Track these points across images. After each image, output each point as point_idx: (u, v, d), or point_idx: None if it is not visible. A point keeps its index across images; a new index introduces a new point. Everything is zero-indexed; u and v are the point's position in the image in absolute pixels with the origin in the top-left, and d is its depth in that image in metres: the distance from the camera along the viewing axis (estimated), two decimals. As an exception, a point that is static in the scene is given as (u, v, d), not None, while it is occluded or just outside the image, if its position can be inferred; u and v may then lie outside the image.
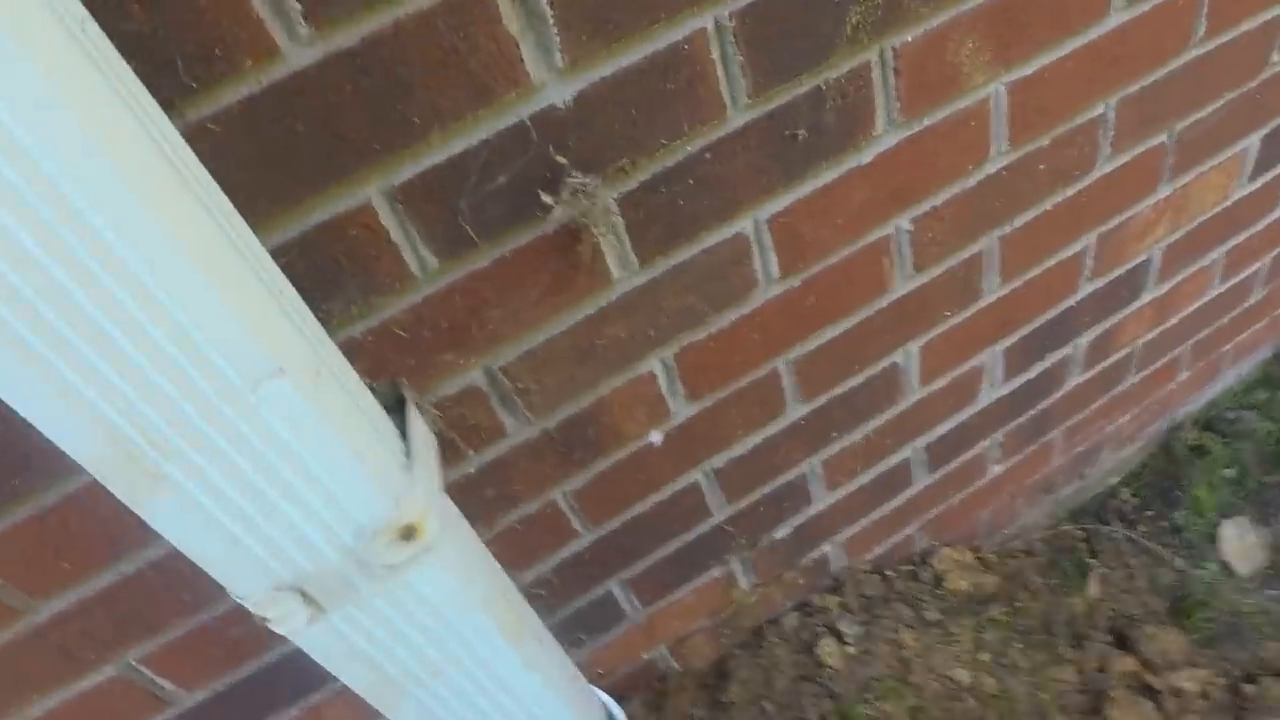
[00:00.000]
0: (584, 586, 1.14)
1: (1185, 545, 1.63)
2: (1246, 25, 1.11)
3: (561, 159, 0.71)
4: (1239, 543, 1.60)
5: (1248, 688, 1.45)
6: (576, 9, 0.66)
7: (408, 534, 0.69)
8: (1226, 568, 1.59)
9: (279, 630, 0.70)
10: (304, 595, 0.69)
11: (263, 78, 0.60)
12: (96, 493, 0.74)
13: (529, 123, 0.69)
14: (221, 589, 0.80)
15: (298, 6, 0.58)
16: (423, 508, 0.70)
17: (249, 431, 0.57)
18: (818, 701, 1.37)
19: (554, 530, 1.04)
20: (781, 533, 1.27)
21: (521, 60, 0.66)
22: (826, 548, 1.37)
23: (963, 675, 1.38)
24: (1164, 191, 1.22)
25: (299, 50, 0.60)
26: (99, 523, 0.76)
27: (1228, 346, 1.66)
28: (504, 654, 0.86)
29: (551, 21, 0.66)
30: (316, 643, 0.74)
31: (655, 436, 1.02)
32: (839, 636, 1.39)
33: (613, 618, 1.22)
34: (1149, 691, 1.44)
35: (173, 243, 0.48)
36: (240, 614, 0.91)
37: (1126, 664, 1.45)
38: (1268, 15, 1.11)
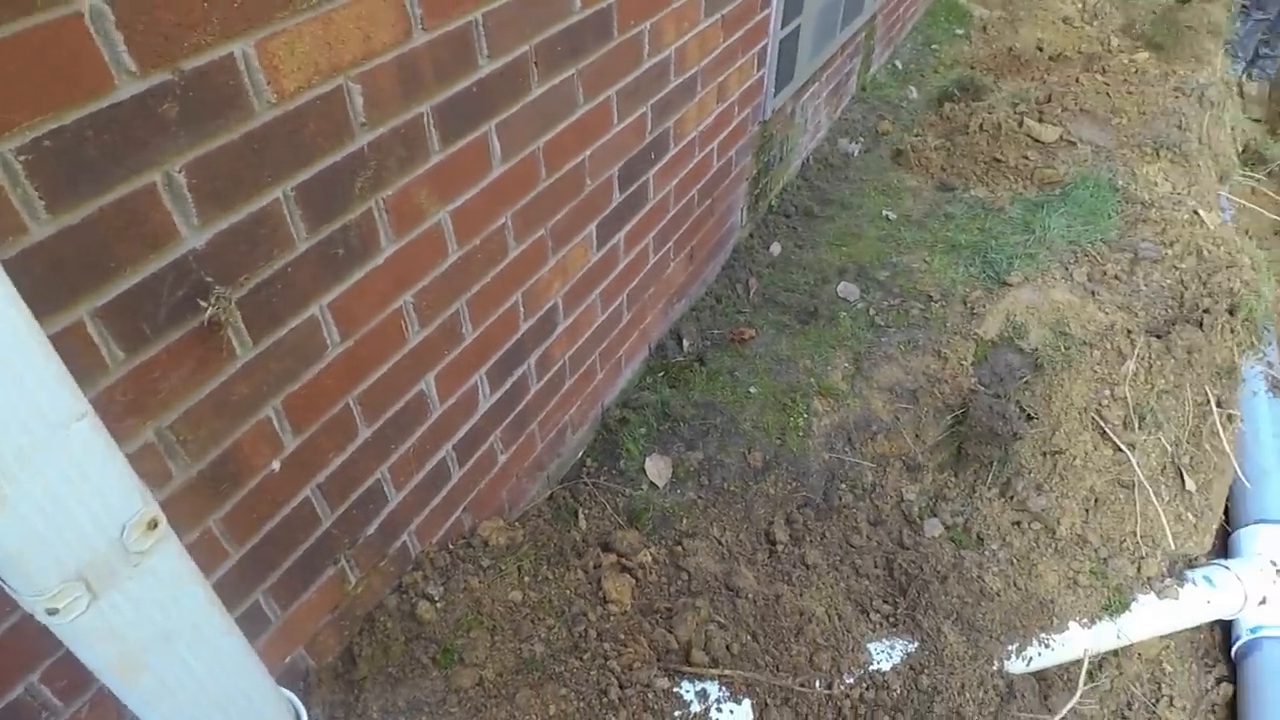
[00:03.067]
0: (237, 600, 1.50)
1: (628, 480, 2.51)
2: (569, 164, 1.98)
3: (209, 278, 1.18)
4: (655, 468, 2.54)
5: (677, 548, 2.35)
6: (205, 189, 1.15)
7: (152, 524, 1.08)
8: (653, 485, 2.51)
9: (62, 620, 1.03)
10: (85, 583, 1.03)
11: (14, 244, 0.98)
12: None
13: (188, 258, 1.15)
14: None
15: (40, 201, 0.98)
16: (158, 507, 1.09)
17: (63, 456, 0.94)
18: (426, 650, 1.88)
19: (210, 553, 1.41)
20: (372, 530, 1.77)
21: (175, 224, 1.13)
22: (405, 537, 1.90)
23: (516, 595, 2.02)
24: (552, 262, 2.05)
25: (39, 226, 0.99)
26: None
27: (621, 353, 2.63)
28: (211, 618, 1.24)
29: (190, 200, 1.14)
30: (87, 628, 1.06)
31: (275, 465, 1.47)
32: (429, 599, 1.92)
33: (260, 626, 1.58)
34: (627, 570, 2.25)
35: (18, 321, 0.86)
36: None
37: (610, 558, 2.24)
38: (579, 158, 2.01)
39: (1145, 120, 3.84)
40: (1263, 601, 2.89)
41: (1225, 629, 3.06)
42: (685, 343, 2.91)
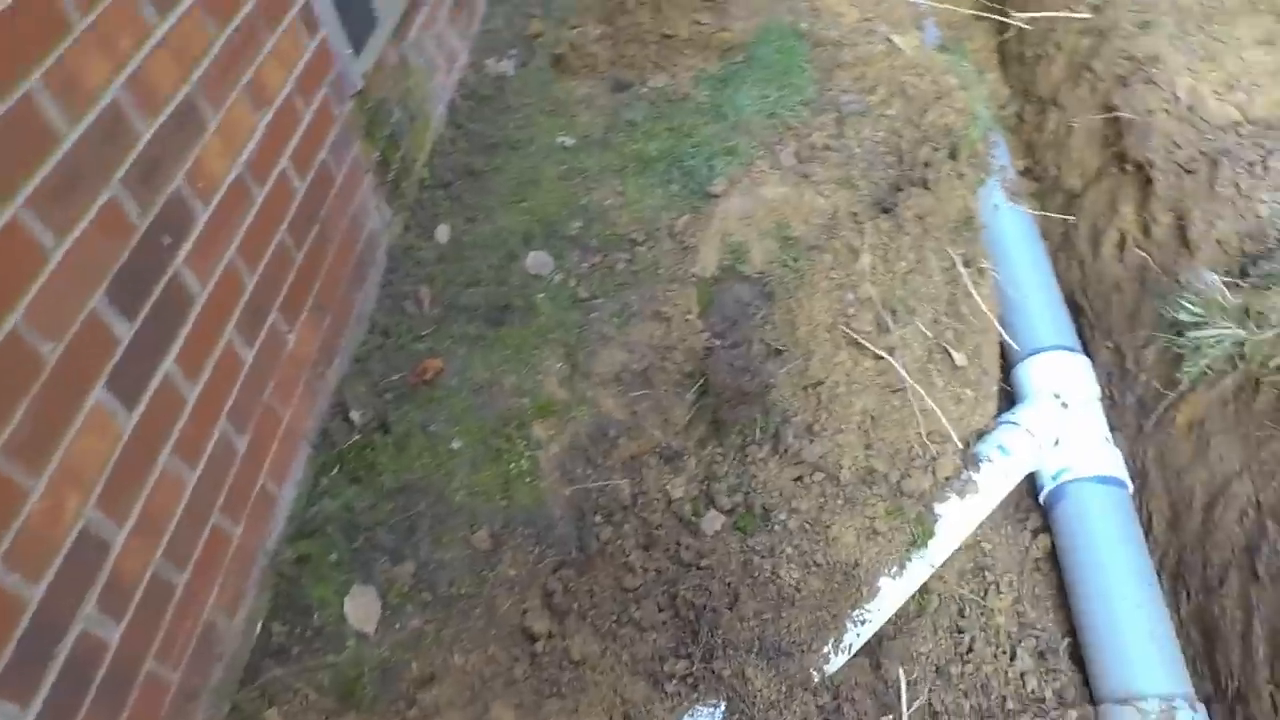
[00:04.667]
0: None
1: (328, 640, 1.94)
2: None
3: None
4: (358, 611, 1.97)
5: (411, 712, 1.84)
6: None
7: None
8: (361, 635, 1.95)
9: None
10: None
11: None
12: None
13: None
14: None
15: None
16: None
17: None
18: None
19: None
20: None
21: None
22: None
23: None
24: (39, 485, 1.35)
25: None
26: None
27: (259, 484, 1.97)
28: None
29: None
30: None
31: None
32: None
33: None
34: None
35: None
36: None
37: (320, 781, 1.70)
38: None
39: (811, -61, 3.34)
40: (1056, 442, 2.74)
41: (1033, 476, 2.93)
42: (355, 414, 2.27)
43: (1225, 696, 2.33)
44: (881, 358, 2.41)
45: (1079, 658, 2.53)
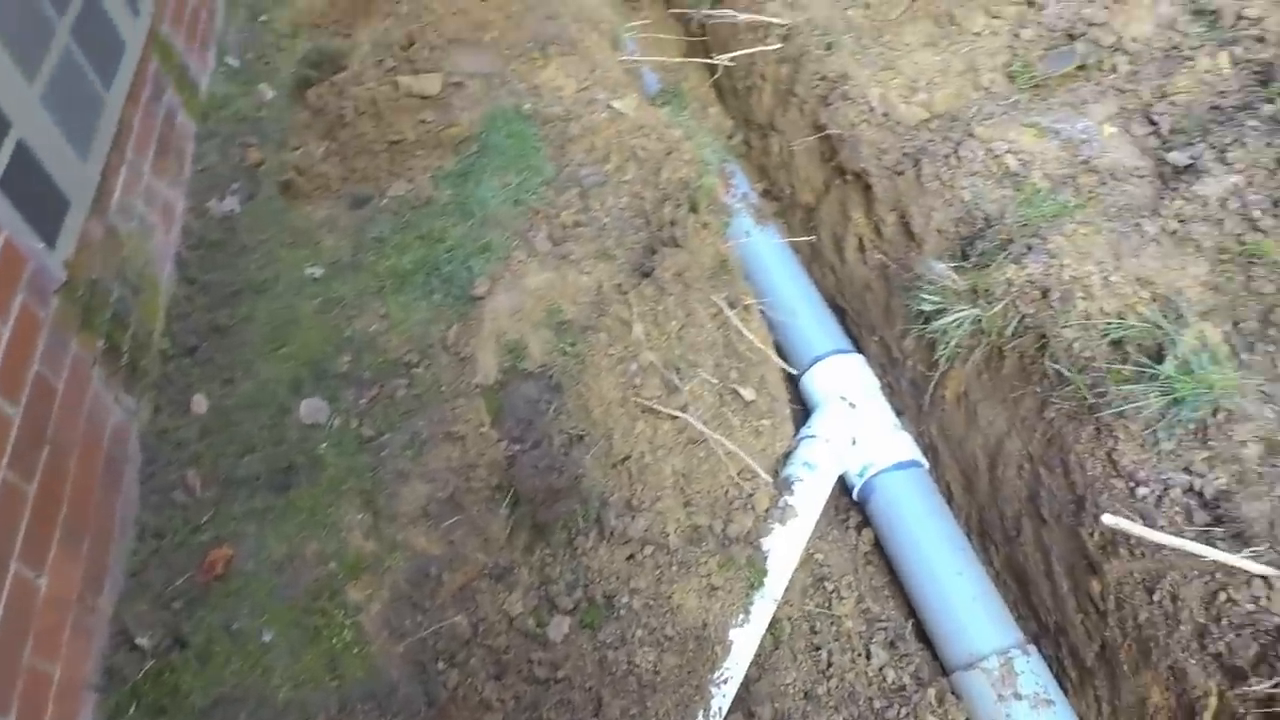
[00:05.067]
0: None
1: None
2: None
3: None
4: None
5: None
6: None
7: None
8: None
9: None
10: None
11: None
12: None
13: None
14: None
15: None
16: None
17: None
18: None
19: None
20: None
21: None
22: None
23: None
24: None
25: None
26: None
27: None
28: None
29: None
30: None
31: None
32: None
33: None
34: None
35: None
36: None
37: None
38: None
39: (515, 24, 3.37)
40: (854, 442, 2.92)
41: (844, 478, 3.11)
42: (143, 638, 2.04)
43: (1049, 631, 2.57)
44: (677, 417, 2.48)
45: (925, 634, 2.71)
